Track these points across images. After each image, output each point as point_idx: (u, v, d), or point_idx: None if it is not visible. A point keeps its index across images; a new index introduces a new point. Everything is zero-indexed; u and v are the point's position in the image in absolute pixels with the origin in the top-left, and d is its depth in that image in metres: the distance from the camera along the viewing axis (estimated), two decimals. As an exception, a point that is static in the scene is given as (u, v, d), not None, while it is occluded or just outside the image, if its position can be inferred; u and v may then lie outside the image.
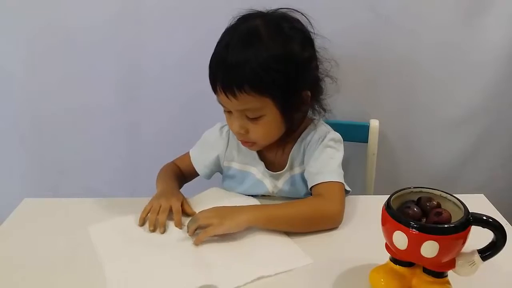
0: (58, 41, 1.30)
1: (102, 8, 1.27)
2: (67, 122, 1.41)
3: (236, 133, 0.98)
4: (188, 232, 0.88)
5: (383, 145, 1.38)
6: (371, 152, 1.34)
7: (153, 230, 0.91)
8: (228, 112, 0.97)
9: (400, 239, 0.64)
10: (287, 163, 1.06)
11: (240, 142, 1.02)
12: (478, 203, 0.97)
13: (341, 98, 1.35)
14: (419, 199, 0.69)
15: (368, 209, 0.97)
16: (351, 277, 0.78)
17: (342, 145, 1.06)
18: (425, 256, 0.63)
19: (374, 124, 1.32)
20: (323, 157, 1.00)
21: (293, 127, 1.01)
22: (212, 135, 1.11)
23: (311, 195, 0.99)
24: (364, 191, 1.38)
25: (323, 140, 1.02)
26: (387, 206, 0.67)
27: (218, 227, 0.86)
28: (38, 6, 1.26)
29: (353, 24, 1.27)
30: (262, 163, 1.07)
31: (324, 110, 1.06)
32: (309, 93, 0.98)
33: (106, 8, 1.26)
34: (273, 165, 1.07)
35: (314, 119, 1.08)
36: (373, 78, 1.33)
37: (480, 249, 0.66)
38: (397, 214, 0.65)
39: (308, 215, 0.91)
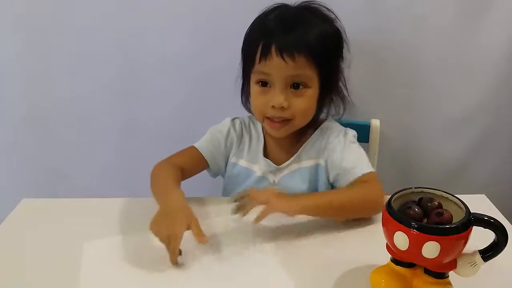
0: (57, 40, 1.30)
1: (101, 2, 1.26)
2: (65, 121, 1.41)
3: (277, 109, 0.95)
4: (241, 213, 0.87)
5: (384, 145, 1.37)
6: (372, 152, 1.33)
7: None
8: (265, 86, 0.96)
9: (401, 240, 0.64)
10: (293, 155, 1.05)
11: (269, 124, 1.00)
12: (480, 204, 0.96)
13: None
14: (420, 199, 0.69)
15: (368, 209, 0.97)
16: (352, 278, 0.77)
17: (358, 144, 1.07)
18: (426, 256, 0.63)
19: (375, 123, 1.32)
20: (354, 152, 1.02)
21: (318, 114, 1.03)
22: (224, 128, 1.09)
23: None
24: (364, 191, 1.38)
25: (345, 136, 1.04)
26: (388, 207, 0.67)
27: (277, 204, 0.85)
28: (35, 1, 1.26)
29: (353, 24, 1.26)
30: (267, 160, 1.07)
31: (344, 103, 1.09)
32: (340, 78, 1.03)
33: (105, 2, 1.26)
34: (278, 160, 1.07)
35: (328, 119, 1.10)
36: (373, 78, 1.33)
37: (482, 249, 0.65)
38: (398, 214, 0.65)
39: (357, 201, 0.91)
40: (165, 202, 0.88)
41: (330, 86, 1.02)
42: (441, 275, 0.68)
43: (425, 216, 0.66)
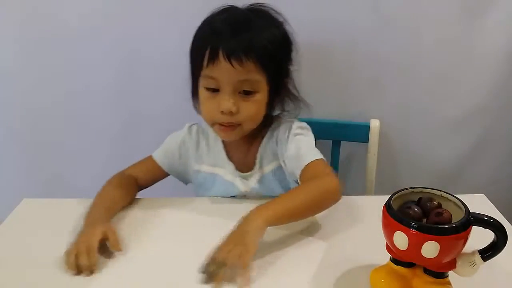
0: (56, 41, 1.30)
1: (101, 2, 1.26)
2: (65, 122, 1.41)
3: (225, 114, 0.93)
4: (214, 280, 0.75)
5: (384, 145, 1.38)
6: (371, 152, 1.34)
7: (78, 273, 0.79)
8: (213, 91, 0.93)
9: (401, 240, 0.64)
10: (255, 162, 1.04)
11: (219, 129, 0.97)
12: (479, 203, 0.96)
13: (342, 98, 1.36)
14: (420, 199, 0.69)
15: (368, 209, 0.97)
16: (352, 277, 0.77)
17: (310, 131, 1.05)
18: (426, 256, 0.63)
19: (374, 124, 1.32)
20: (297, 143, 0.99)
21: (268, 118, 1.02)
22: (179, 138, 1.07)
23: (298, 184, 0.98)
24: (364, 191, 1.38)
25: (290, 130, 1.02)
26: (388, 207, 0.67)
27: (247, 254, 0.76)
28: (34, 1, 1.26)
29: (354, 23, 1.27)
30: (232, 163, 1.05)
31: (298, 102, 1.06)
32: (289, 80, 1.01)
33: (105, 2, 1.26)
34: (242, 165, 1.05)
35: (280, 117, 1.07)
36: (373, 78, 1.33)
37: (481, 249, 0.65)
38: (397, 214, 0.65)
39: (314, 197, 0.88)
40: (86, 222, 0.89)
41: (279, 89, 1.00)
42: (440, 275, 0.68)
43: (425, 216, 0.66)
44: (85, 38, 1.29)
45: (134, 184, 1.03)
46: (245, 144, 1.04)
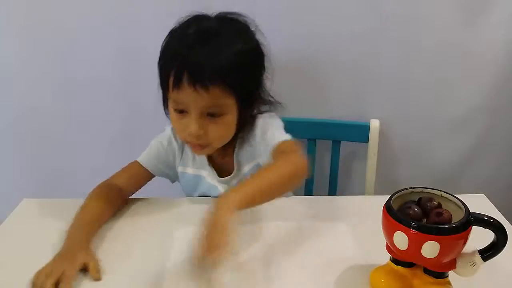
0: (56, 40, 1.30)
1: (101, 2, 1.26)
2: (66, 121, 1.41)
3: (193, 136, 0.90)
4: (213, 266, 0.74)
5: (384, 145, 1.38)
6: (371, 152, 1.34)
7: None
8: (180, 113, 0.90)
9: (401, 240, 0.64)
10: (234, 166, 1.03)
11: (190, 146, 0.97)
12: (479, 203, 0.96)
13: (342, 98, 1.36)
14: (420, 199, 0.69)
15: (368, 209, 0.96)
16: (352, 277, 0.77)
17: (278, 118, 1.02)
18: (426, 256, 0.63)
19: (374, 124, 1.32)
20: (270, 126, 0.97)
21: (241, 129, 0.98)
22: (164, 139, 1.05)
23: None
24: (364, 191, 1.38)
25: (261, 119, 1.00)
26: (388, 207, 0.67)
27: (223, 238, 0.70)
28: (35, 3, 1.26)
29: (354, 23, 1.27)
30: (212, 169, 1.04)
31: (272, 103, 1.02)
32: (262, 94, 0.98)
33: (105, 2, 1.26)
34: (221, 170, 1.05)
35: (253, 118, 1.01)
36: (373, 78, 1.33)
37: (481, 249, 0.65)
38: (397, 214, 0.65)
39: (283, 174, 0.82)
40: (68, 241, 0.85)
41: (251, 103, 0.97)
42: (440, 275, 0.68)
43: (425, 216, 0.66)
44: (85, 36, 1.29)
45: (118, 195, 0.99)
46: (222, 149, 1.01)
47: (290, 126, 1.35)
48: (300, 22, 1.27)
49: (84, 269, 0.79)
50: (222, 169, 1.05)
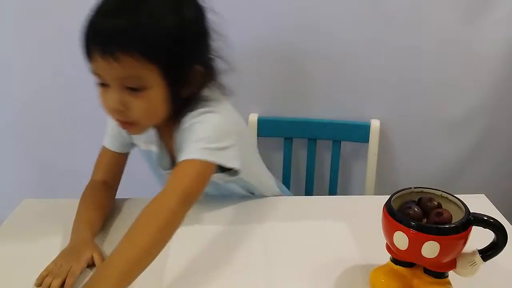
0: (55, 39, 1.30)
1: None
2: (66, 121, 1.41)
3: (113, 110, 0.81)
4: None
5: (384, 145, 1.38)
6: (372, 152, 1.34)
7: None
8: (104, 85, 0.81)
9: (401, 240, 0.64)
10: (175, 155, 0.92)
11: (118, 124, 0.86)
12: (479, 203, 0.96)
13: (342, 98, 1.36)
14: (420, 199, 0.69)
15: (368, 209, 0.96)
16: (352, 277, 0.77)
17: (215, 113, 0.86)
18: (426, 256, 0.63)
19: (375, 124, 1.32)
20: (186, 138, 0.84)
21: (182, 109, 0.87)
22: None
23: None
24: (364, 191, 1.38)
25: (191, 119, 0.86)
26: (388, 206, 0.67)
27: None
28: (34, 2, 1.26)
29: (354, 23, 1.27)
30: (164, 145, 0.96)
31: (222, 89, 0.91)
32: (201, 69, 0.85)
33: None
34: (171, 150, 0.95)
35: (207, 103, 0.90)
36: (373, 78, 1.33)
37: (481, 249, 0.65)
38: (397, 214, 0.65)
39: (150, 241, 0.70)
40: (72, 240, 0.85)
41: (187, 80, 0.84)
42: (440, 275, 0.68)
43: (425, 216, 0.66)
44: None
45: (106, 192, 0.97)
46: (168, 128, 0.91)
47: (290, 126, 1.36)
48: (300, 22, 1.27)
49: (91, 265, 0.80)
50: (169, 145, 0.95)
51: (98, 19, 0.78)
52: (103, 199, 0.96)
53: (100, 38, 0.76)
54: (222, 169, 0.87)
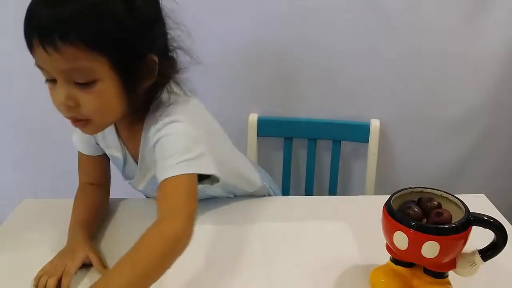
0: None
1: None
2: (65, 121, 1.40)
3: (63, 107, 0.74)
4: None
5: (384, 145, 1.38)
6: (371, 152, 1.34)
7: None
8: (51, 81, 0.74)
9: (401, 240, 0.64)
10: (138, 161, 0.88)
11: (71, 123, 0.79)
12: (479, 203, 0.96)
13: (342, 97, 1.36)
14: (420, 199, 0.69)
15: (368, 209, 0.96)
16: (352, 277, 0.77)
17: (179, 122, 0.79)
18: (426, 256, 0.63)
19: (375, 123, 1.32)
20: (158, 156, 0.78)
21: (138, 104, 0.81)
22: None
23: None
24: (364, 191, 1.38)
25: (157, 132, 0.79)
26: (388, 206, 0.67)
27: None
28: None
29: (354, 23, 1.27)
30: (126, 150, 0.91)
31: (185, 83, 0.85)
32: (156, 59, 0.77)
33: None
34: (136, 153, 0.89)
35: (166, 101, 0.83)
36: (374, 78, 1.33)
37: (481, 249, 0.65)
38: (397, 214, 0.65)
39: (154, 262, 0.67)
40: (68, 240, 0.85)
41: (137, 70, 0.76)
42: (440, 275, 0.68)
43: (425, 216, 0.66)
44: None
45: (97, 193, 0.96)
46: (131, 132, 0.87)
47: (290, 126, 1.36)
48: (300, 22, 1.27)
49: (89, 265, 0.81)
50: (136, 152, 0.89)
51: (38, 7, 0.70)
52: (95, 199, 0.95)
53: (39, 27, 0.69)
54: (199, 178, 0.79)
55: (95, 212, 0.93)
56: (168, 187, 0.74)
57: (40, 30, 0.69)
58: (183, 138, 0.78)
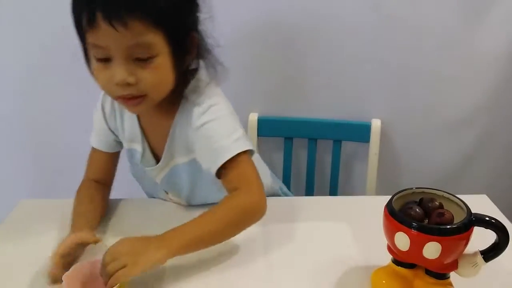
0: (56, 41, 1.30)
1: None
2: (63, 121, 1.41)
3: (121, 86, 0.75)
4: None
5: (385, 145, 1.37)
6: (372, 152, 1.33)
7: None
8: (104, 62, 0.76)
9: (402, 240, 0.64)
10: (164, 148, 0.90)
11: (122, 102, 0.80)
12: (481, 204, 0.96)
13: (343, 97, 1.36)
14: (421, 199, 0.69)
15: (369, 210, 0.96)
16: (353, 279, 0.77)
17: (223, 108, 0.85)
18: (427, 257, 0.63)
19: (376, 123, 1.32)
20: (206, 134, 0.83)
21: (183, 80, 0.84)
22: (98, 112, 0.96)
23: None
24: (365, 192, 1.38)
25: (202, 114, 0.84)
26: (389, 207, 0.67)
27: (132, 268, 0.69)
28: (34, 4, 1.26)
29: (355, 23, 1.26)
30: (146, 143, 0.93)
31: (215, 62, 0.87)
32: (197, 36, 0.82)
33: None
34: (157, 145, 0.93)
35: (198, 81, 0.87)
36: (374, 77, 1.33)
37: (483, 250, 0.65)
38: (399, 215, 0.65)
39: (230, 221, 0.77)
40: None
41: (186, 46, 0.81)
42: (442, 276, 0.67)
43: (426, 217, 0.66)
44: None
45: (99, 191, 0.97)
46: (158, 118, 0.89)
47: (290, 125, 1.36)
48: (301, 22, 1.26)
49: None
50: (157, 145, 0.93)
51: None
52: (96, 195, 0.95)
53: (105, 3, 0.70)
54: None
55: (96, 206, 0.93)
56: (232, 165, 0.80)
57: (106, 6, 0.70)
58: (228, 119, 0.84)
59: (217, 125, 0.83)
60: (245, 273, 0.79)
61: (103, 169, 0.99)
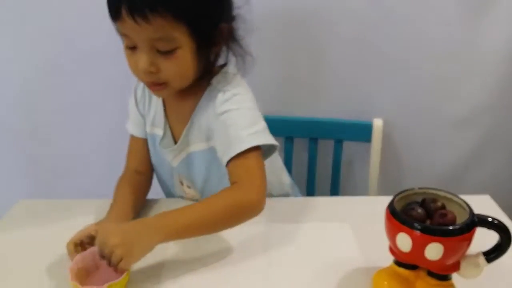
0: (55, 42, 1.30)
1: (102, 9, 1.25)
2: (62, 122, 1.41)
3: (144, 73, 0.81)
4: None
5: (387, 144, 1.37)
6: (374, 152, 1.33)
7: None
8: (132, 48, 0.81)
9: (404, 241, 0.63)
10: (182, 133, 0.93)
11: (147, 86, 0.87)
12: (484, 204, 0.96)
13: (344, 96, 1.36)
14: (424, 200, 0.68)
15: (371, 210, 0.95)
16: (354, 280, 0.77)
17: (244, 95, 0.89)
18: (430, 258, 0.62)
19: (377, 123, 1.31)
20: (224, 123, 0.85)
21: (207, 70, 0.88)
22: (132, 99, 1.00)
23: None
24: (367, 192, 1.37)
25: (223, 103, 0.87)
26: (391, 207, 0.66)
27: (129, 260, 0.70)
28: (34, 4, 1.26)
29: (356, 22, 1.26)
30: (168, 127, 0.96)
31: (243, 53, 0.91)
32: (226, 27, 0.85)
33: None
34: (178, 128, 0.95)
35: (225, 70, 0.92)
36: (376, 77, 1.33)
37: (485, 251, 0.65)
38: (401, 215, 0.64)
39: (223, 213, 0.78)
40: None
41: (213, 39, 0.85)
42: (444, 277, 0.67)
43: (428, 217, 0.65)
44: (85, 37, 1.28)
45: (138, 179, 0.99)
46: (181, 106, 0.93)
47: (291, 125, 1.36)
48: (301, 21, 1.26)
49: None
50: (178, 128, 0.95)
51: None
52: (136, 184, 0.97)
53: (130, 0, 0.75)
54: None
55: (136, 194, 0.95)
56: (244, 161, 0.82)
57: (130, 2, 0.74)
58: (250, 112, 0.87)
59: (238, 115, 0.85)
60: (246, 273, 0.79)
61: (141, 157, 1.02)
